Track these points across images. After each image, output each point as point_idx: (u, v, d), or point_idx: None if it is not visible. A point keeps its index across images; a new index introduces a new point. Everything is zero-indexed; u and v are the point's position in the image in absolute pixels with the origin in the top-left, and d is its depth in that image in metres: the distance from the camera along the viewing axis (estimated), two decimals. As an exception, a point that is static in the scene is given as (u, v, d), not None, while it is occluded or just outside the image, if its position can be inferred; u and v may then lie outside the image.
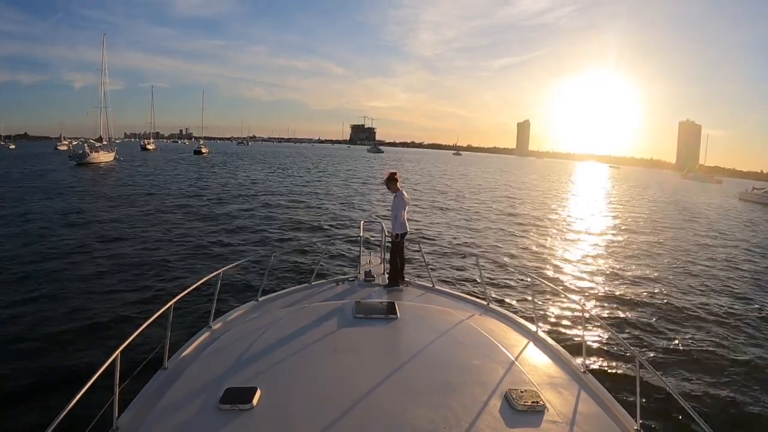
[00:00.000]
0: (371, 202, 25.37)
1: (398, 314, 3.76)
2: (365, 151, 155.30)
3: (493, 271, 10.97)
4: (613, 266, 12.82)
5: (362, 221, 7.57)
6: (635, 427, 2.72)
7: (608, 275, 11.83)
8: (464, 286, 9.67)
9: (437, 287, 5.30)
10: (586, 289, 10.58)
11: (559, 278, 11.41)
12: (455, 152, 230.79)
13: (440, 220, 19.96)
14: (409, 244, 6.02)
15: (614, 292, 10.34)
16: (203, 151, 79.05)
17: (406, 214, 5.45)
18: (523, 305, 8.59)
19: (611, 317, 8.66)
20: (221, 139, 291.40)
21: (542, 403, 2.53)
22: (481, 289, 7.27)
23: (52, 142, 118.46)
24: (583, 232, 19.04)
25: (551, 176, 73.31)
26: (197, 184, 30.46)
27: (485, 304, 4.73)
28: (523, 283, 9.91)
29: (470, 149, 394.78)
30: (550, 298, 8.96)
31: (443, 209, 23.42)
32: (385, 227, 6.06)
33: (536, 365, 3.14)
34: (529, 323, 4.20)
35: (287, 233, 15.35)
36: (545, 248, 15.06)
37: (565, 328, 7.72)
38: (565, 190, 46.32)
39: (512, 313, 4.65)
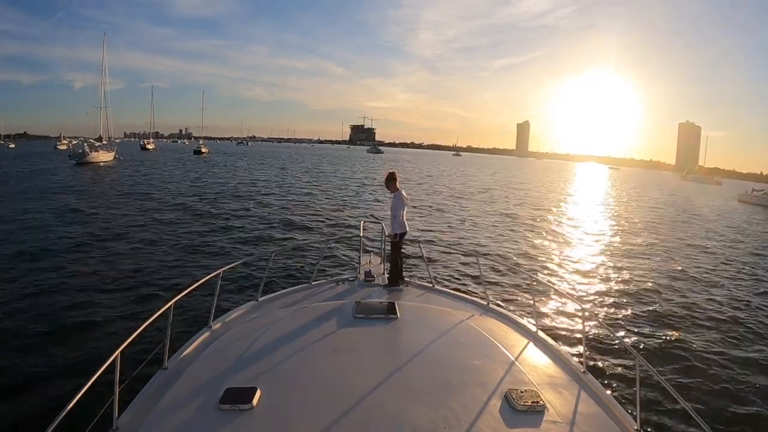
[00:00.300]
0: (368, 202, 25.38)
1: (398, 314, 3.76)
2: (365, 151, 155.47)
3: (493, 271, 10.96)
4: (612, 266, 12.83)
5: (362, 221, 7.57)
6: (635, 427, 2.72)
7: (608, 275, 11.84)
8: (464, 286, 9.67)
9: (437, 287, 5.30)
10: (585, 289, 10.58)
11: (558, 278, 11.42)
12: (455, 153, 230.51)
13: (440, 220, 19.97)
14: (409, 244, 6.02)
15: (614, 292, 10.34)
16: (203, 151, 79.02)
17: (405, 213, 5.45)
18: (523, 305, 8.59)
19: (611, 317, 8.66)
20: (221, 139, 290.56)
21: (542, 403, 2.53)
22: (481, 289, 7.28)
23: (51, 141, 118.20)
24: (583, 232, 19.06)
25: (551, 177, 73.36)
26: (197, 184, 30.48)
27: (485, 304, 4.73)
28: (523, 283, 9.91)
29: (470, 150, 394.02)
30: (550, 298, 8.96)
31: (441, 210, 23.43)
32: (384, 227, 6.06)
33: (536, 365, 3.14)
34: (529, 323, 4.20)
35: (287, 233, 15.36)
36: (545, 248, 15.08)
37: (564, 328, 7.72)
38: (564, 191, 46.35)
39: (512, 313, 4.66)
